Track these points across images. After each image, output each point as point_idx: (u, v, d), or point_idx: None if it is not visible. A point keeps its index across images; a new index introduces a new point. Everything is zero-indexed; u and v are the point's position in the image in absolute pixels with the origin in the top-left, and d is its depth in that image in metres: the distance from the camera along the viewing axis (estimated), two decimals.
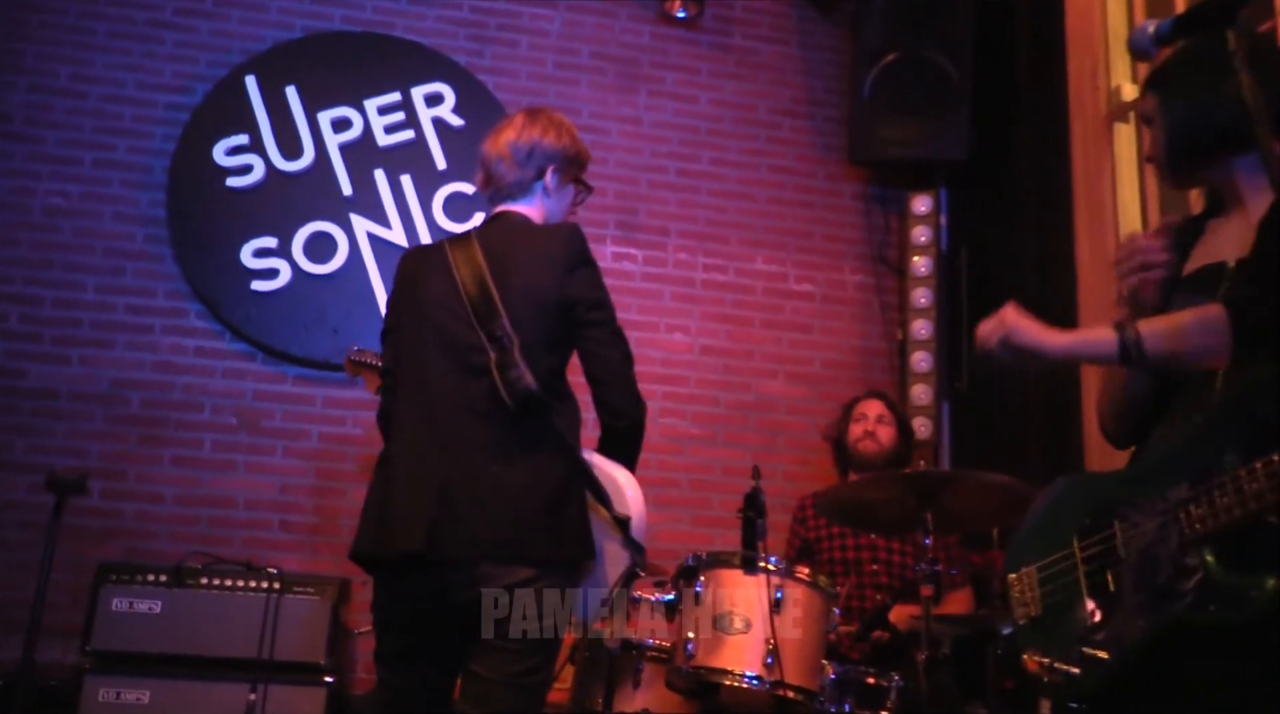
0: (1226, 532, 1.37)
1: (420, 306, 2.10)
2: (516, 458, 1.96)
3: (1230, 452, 1.39)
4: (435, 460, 1.97)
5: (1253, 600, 1.32)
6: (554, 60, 4.39)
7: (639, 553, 1.97)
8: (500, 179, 2.17)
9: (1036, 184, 3.98)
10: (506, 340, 1.98)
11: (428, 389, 2.04)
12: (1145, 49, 1.55)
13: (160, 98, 4.08)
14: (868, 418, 3.44)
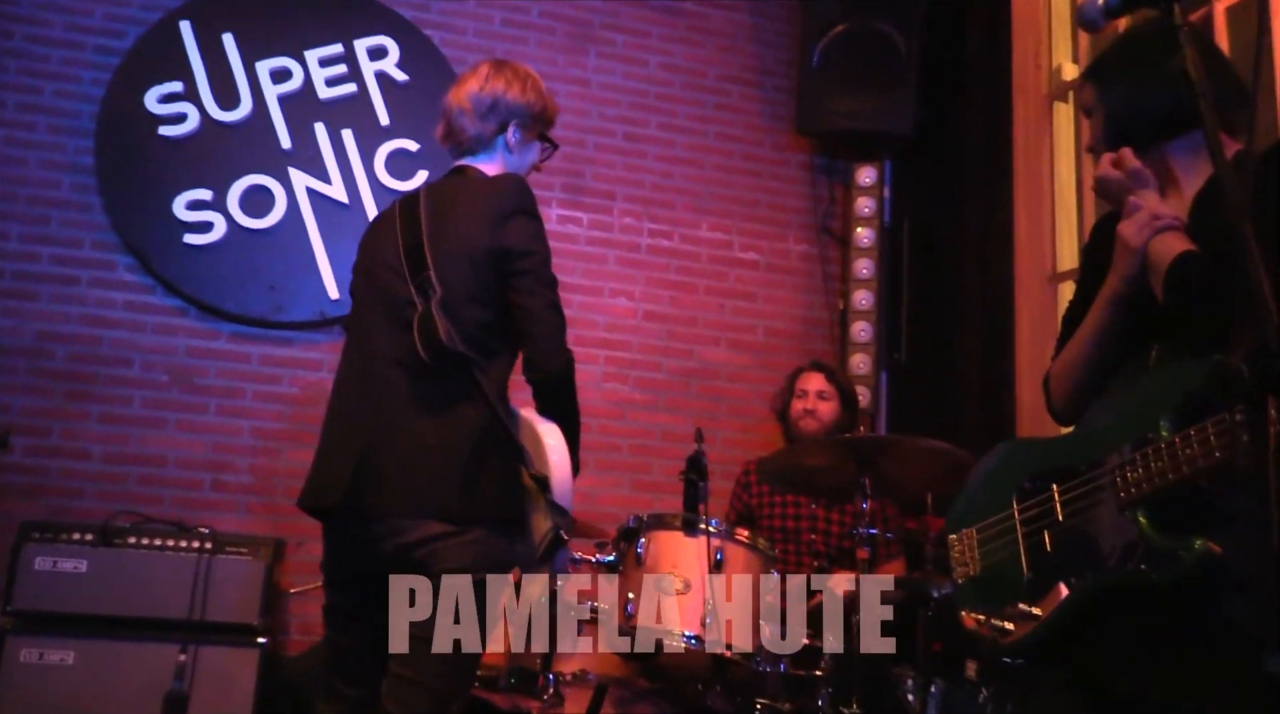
0: (1160, 495, 1.41)
1: (369, 266, 2.12)
2: (435, 412, 1.94)
3: (1164, 422, 1.44)
4: (362, 414, 1.98)
5: (1182, 561, 1.37)
6: (502, 17, 4.31)
7: (561, 515, 1.93)
8: (461, 133, 2.13)
9: (978, 159, 4.03)
10: (430, 292, 1.96)
11: (365, 344, 2.05)
12: (1094, 20, 1.56)
13: (89, 40, 3.91)
14: (808, 394, 3.46)
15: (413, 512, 1.91)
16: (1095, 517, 1.50)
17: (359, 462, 1.93)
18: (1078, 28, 3.85)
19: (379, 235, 2.13)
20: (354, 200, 3.93)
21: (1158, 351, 1.60)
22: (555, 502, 1.94)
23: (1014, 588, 1.58)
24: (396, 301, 2.01)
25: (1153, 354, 1.60)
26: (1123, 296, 1.64)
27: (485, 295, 2.00)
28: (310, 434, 3.83)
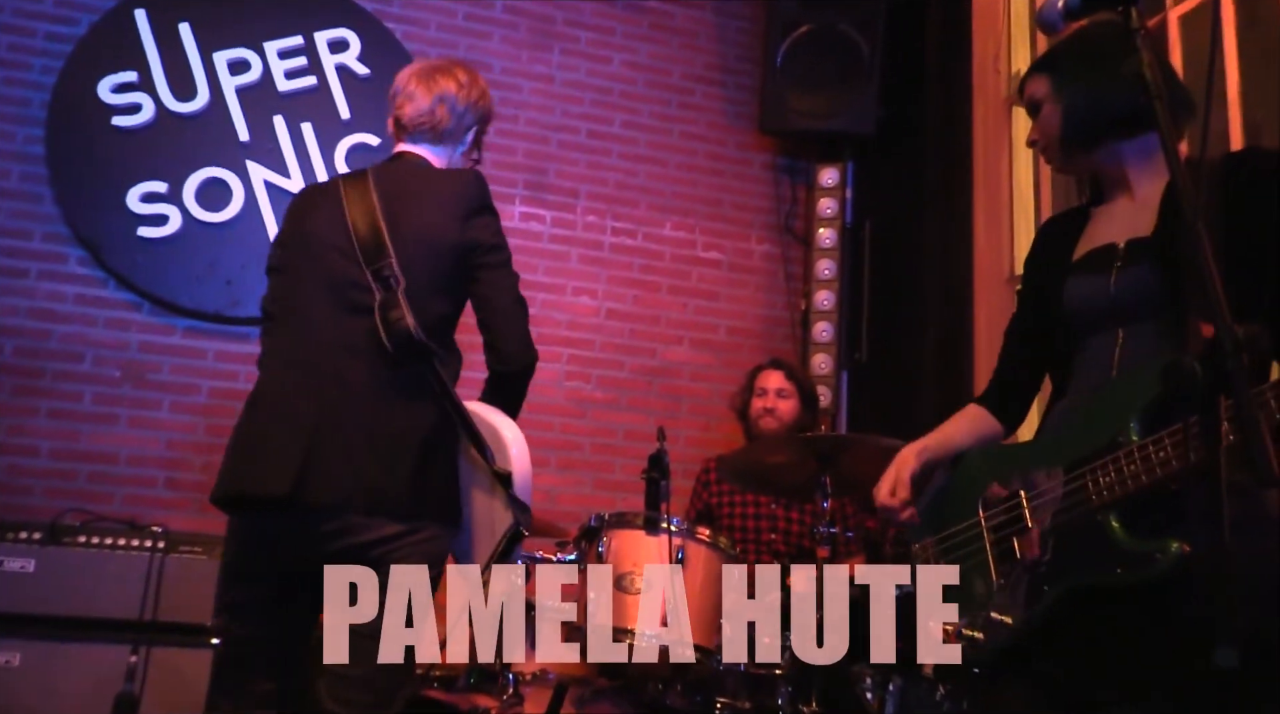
0: (1131, 498, 1.43)
1: (306, 243, 2.04)
2: (392, 403, 1.91)
3: (1133, 425, 1.45)
4: (308, 401, 1.90)
5: (1157, 562, 1.38)
6: (465, 12, 4.28)
7: (523, 512, 1.91)
8: (430, 124, 2.13)
9: (939, 161, 4.07)
10: (393, 281, 1.92)
11: (305, 327, 1.97)
12: (1054, 22, 1.57)
13: (41, 26, 3.83)
14: (767, 392, 3.47)
15: (370, 509, 1.86)
16: (1065, 522, 1.51)
17: (308, 452, 1.85)
18: (1037, 31, 3.90)
19: (318, 212, 2.06)
20: None
21: (1124, 334, 1.60)
22: (517, 497, 1.91)
23: (982, 596, 1.58)
24: (345, 285, 1.96)
25: (1119, 336, 1.60)
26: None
27: (447, 288, 2.01)
28: None
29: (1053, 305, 1.71)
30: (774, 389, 3.46)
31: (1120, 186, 1.71)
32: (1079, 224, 1.77)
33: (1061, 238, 1.78)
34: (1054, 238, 1.81)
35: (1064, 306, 1.69)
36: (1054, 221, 1.90)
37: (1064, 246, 1.75)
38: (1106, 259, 1.66)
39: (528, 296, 2.11)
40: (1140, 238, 1.63)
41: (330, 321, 1.95)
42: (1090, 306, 1.64)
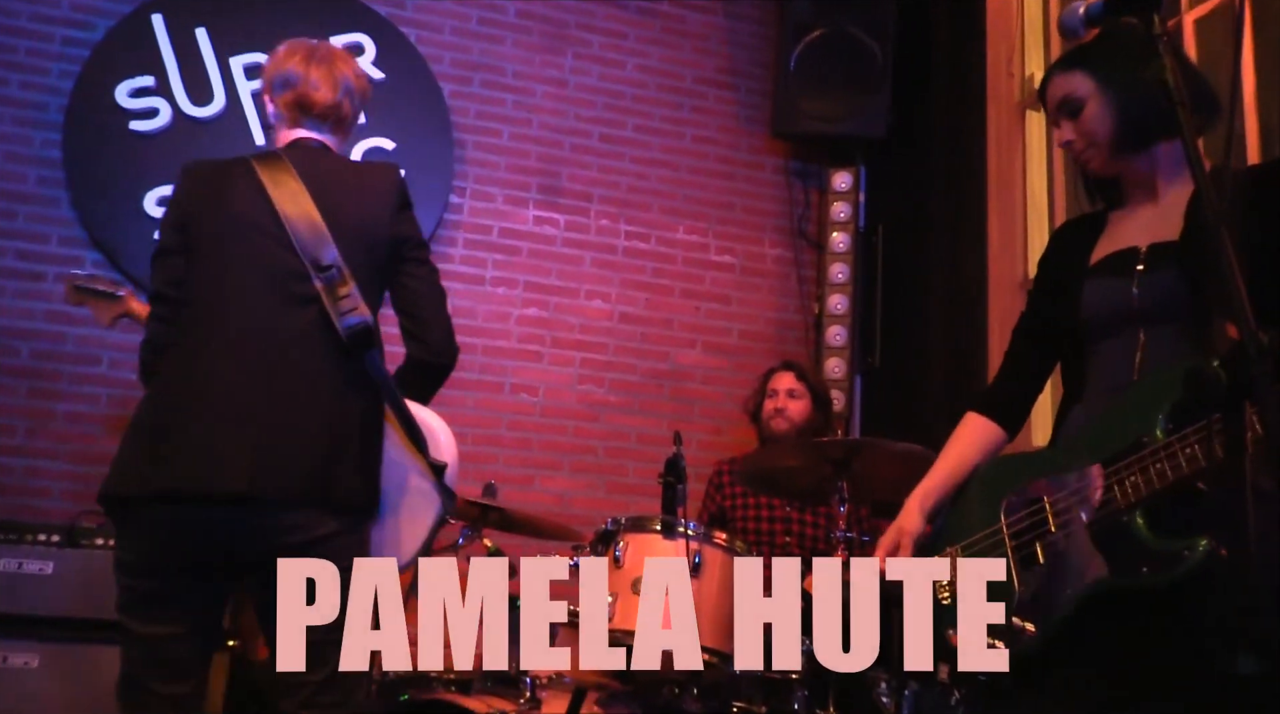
0: (1158, 497, 1.42)
1: (224, 226, 1.97)
2: (343, 396, 1.90)
3: (1159, 425, 1.44)
4: (255, 394, 1.86)
5: (1184, 560, 1.37)
6: (479, 16, 4.29)
7: (450, 500, 1.94)
8: (339, 109, 2.13)
9: (952, 165, 4.07)
10: (337, 271, 1.91)
11: (242, 316, 1.92)
12: (1075, 29, 1.58)
13: (58, 31, 3.85)
14: (778, 393, 3.46)
15: (315, 501, 1.83)
16: (1090, 524, 1.50)
17: (260, 448, 1.81)
18: (1051, 36, 3.90)
19: (235, 194, 1.98)
20: None
21: (1145, 337, 1.59)
22: (448, 487, 1.94)
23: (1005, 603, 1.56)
24: (284, 274, 1.92)
25: (1140, 339, 1.60)
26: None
27: (380, 280, 2.04)
28: None
29: (1069, 307, 1.71)
30: (785, 390, 3.47)
31: (1144, 190, 1.71)
32: (1096, 228, 1.77)
33: (1078, 241, 1.77)
34: (1070, 241, 1.81)
35: (1082, 309, 1.68)
36: (1069, 225, 1.89)
37: (1081, 250, 1.75)
38: (1128, 262, 1.65)
39: (541, 300, 2.14)
40: (1164, 242, 1.63)
41: (270, 311, 1.91)
42: (1111, 309, 1.64)
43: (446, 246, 4.09)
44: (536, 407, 4.08)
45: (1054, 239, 1.89)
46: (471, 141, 4.20)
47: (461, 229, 4.13)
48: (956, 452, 1.81)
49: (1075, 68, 1.72)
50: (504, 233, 4.17)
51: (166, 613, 1.88)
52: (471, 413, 4.00)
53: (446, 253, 4.09)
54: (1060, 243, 1.86)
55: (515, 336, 4.09)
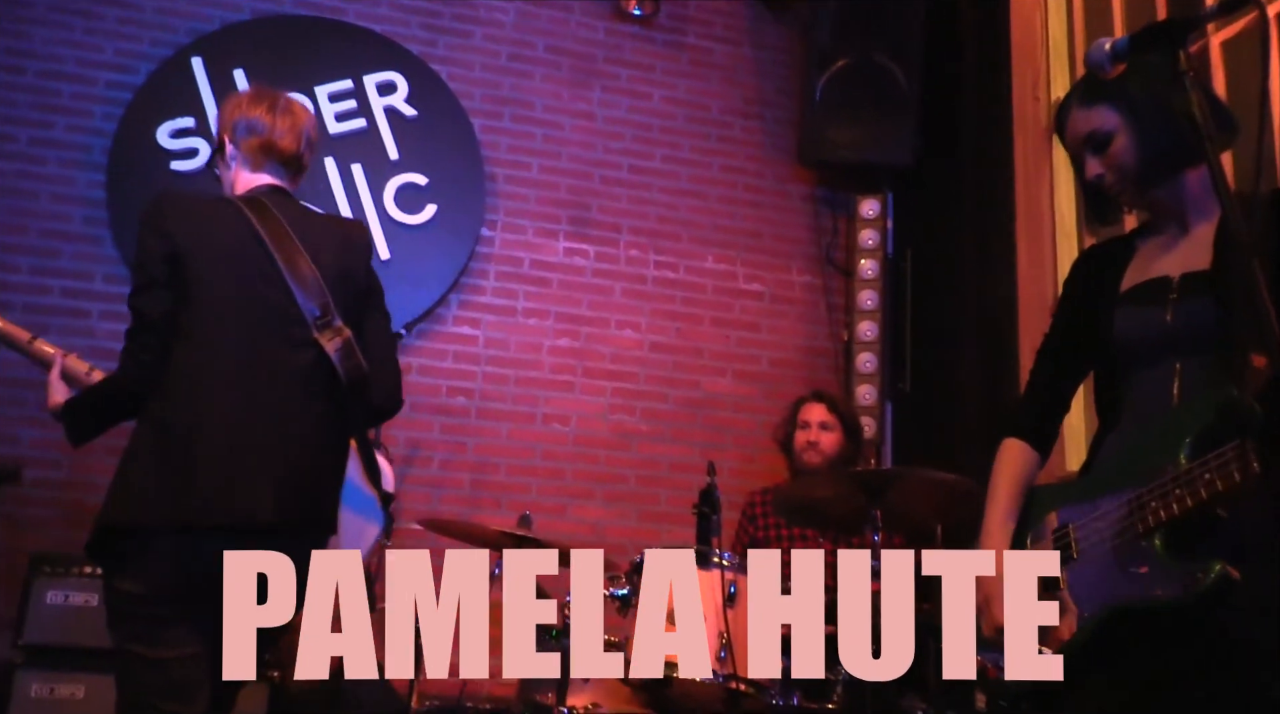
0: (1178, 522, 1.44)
1: (220, 265, 2.02)
2: (329, 431, 2.05)
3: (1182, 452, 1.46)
4: (265, 429, 1.95)
5: (1199, 582, 1.39)
6: (508, 53, 4.37)
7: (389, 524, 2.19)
8: (299, 164, 2.24)
9: (979, 191, 4.08)
10: (334, 318, 2.03)
11: (242, 353, 1.99)
12: (1102, 64, 1.60)
13: (101, 75, 3.97)
14: (810, 426, 3.45)
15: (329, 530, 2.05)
16: (1112, 549, 1.52)
17: (279, 480, 1.93)
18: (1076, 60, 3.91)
19: (225, 233, 2.04)
20: None
21: (1181, 367, 1.60)
22: (390, 514, 2.16)
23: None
24: (279, 316, 2.01)
25: (1177, 369, 1.60)
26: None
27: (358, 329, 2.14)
28: None
29: (1100, 335, 1.72)
30: (817, 422, 3.46)
31: (1173, 219, 1.71)
32: (1125, 255, 1.77)
33: (1107, 267, 1.78)
34: (1098, 267, 1.81)
35: (1115, 337, 1.69)
36: (1096, 250, 1.89)
37: (1110, 277, 1.75)
38: (1160, 291, 1.66)
39: (573, 330, 2.21)
40: (1195, 272, 1.63)
41: (272, 351, 2.01)
42: (1145, 339, 1.65)
43: (479, 279, 4.15)
44: (569, 436, 4.11)
45: (1081, 264, 1.89)
46: (502, 175, 4.26)
47: (493, 261, 4.19)
48: (1010, 486, 1.78)
49: (1099, 101, 1.71)
50: (535, 264, 4.22)
51: (179, 636, 1.90)
52: (505, 443, 4.04)
53: (478, 285, 4.14)
54: (1088, 267, 1.86)
55: (547, 367, 4.14)
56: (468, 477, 3.98)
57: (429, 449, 3.97)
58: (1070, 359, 1.83)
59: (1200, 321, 1.59)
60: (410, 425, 3.95)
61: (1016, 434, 1.84)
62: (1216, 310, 1.57)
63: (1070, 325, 1.83)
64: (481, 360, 4.08)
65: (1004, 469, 1.80)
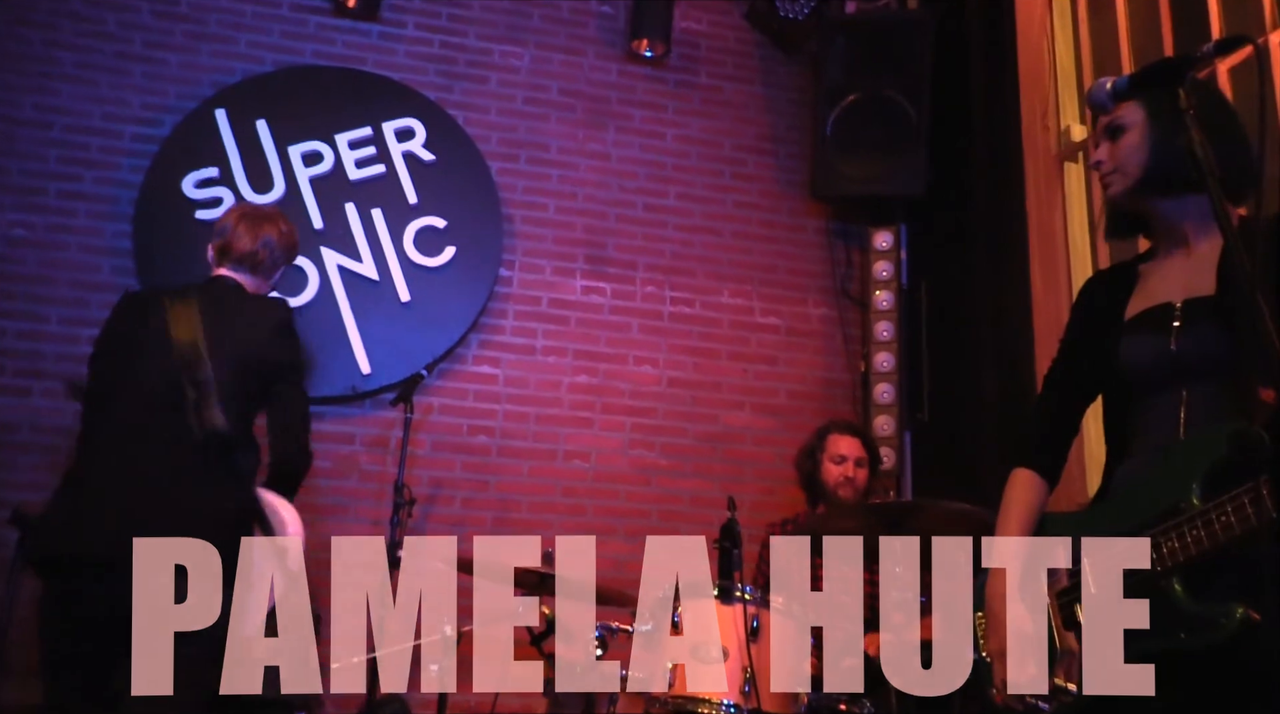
0: (1194, 563, 1.45)
1: (134, 344, 2.45)
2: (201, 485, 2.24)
3: (1194, 490, 1.47)
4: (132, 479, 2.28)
5: (1223, 627, 1.40)
6: (523, 96, 4.45)
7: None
8: (251, 257, 2.62)
9: (992, 220, 4.11)
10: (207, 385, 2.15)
11: (131, 414, 2.36)
12: (1103, 103, 1.64)
13: (128, 129, 4.07)
14: (847, 461, 3.46)
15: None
16: (1128, 587, 1.52)
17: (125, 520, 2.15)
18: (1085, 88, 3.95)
19: (149, 319, 2.43)
20: (384, 277, 4.04)
21: (1188, 394, 1.61)
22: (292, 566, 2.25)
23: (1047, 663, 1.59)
24: (166, 385, 2.22)
25: (1183, 396, 1.61)
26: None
27: (250, 394, 2.45)
28: (343, 507, 3.90)
29: (1107, 363, 1.72)
30: (854, 458, 3.46)
31: (1175, 241, 1.72)
32: (1127, 281, 1.78)
33: (1111, 293, 1.79)
34: (1101, 294, 1.82)
35: (1121, 365, 1.70)
36: (1100, 278, 1.91)
37: (1113, 303, 1.76)
38: (1164, 318, 1.67)
39: (591, 367, 2.24)
40: (1199, 297, 1.64)
41: (153, 414, 2.32)
42: (1151, 366, 1.66)
43: (497, 318, 4.20)
44: (589, 472, 4.14)
45: (1084, 292, 1.91)
46: (519, 216, 4.33)
47: (511, 301, 4.24)
48: (1020, 516, 1.79)
49: (1134, 96, 1.65)
50: (553, 303, 4.28)
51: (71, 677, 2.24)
52: (526, 481, 4.07)
53: (497, 324, 4.20)
54: (1091, 296, 1.87)
55: (566, 404, 4.17)
56: (490, 515, 4.01)
57: (451, 488, 4.01)
58: (1077, 387, 1.84)
59: (1205, 349, 1.60)
60: (432, 464, 3.99)
61: (1025, 463, 1.84)
62: (1222, 337, 1.57)
63: (1076, 353, 1.84)
64: (502, 399, 4.13)
65: (1013, 499, 1.81)
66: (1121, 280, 1.79)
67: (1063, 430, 1.87)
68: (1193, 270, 1.67)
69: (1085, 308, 1.86)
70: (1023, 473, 1.84)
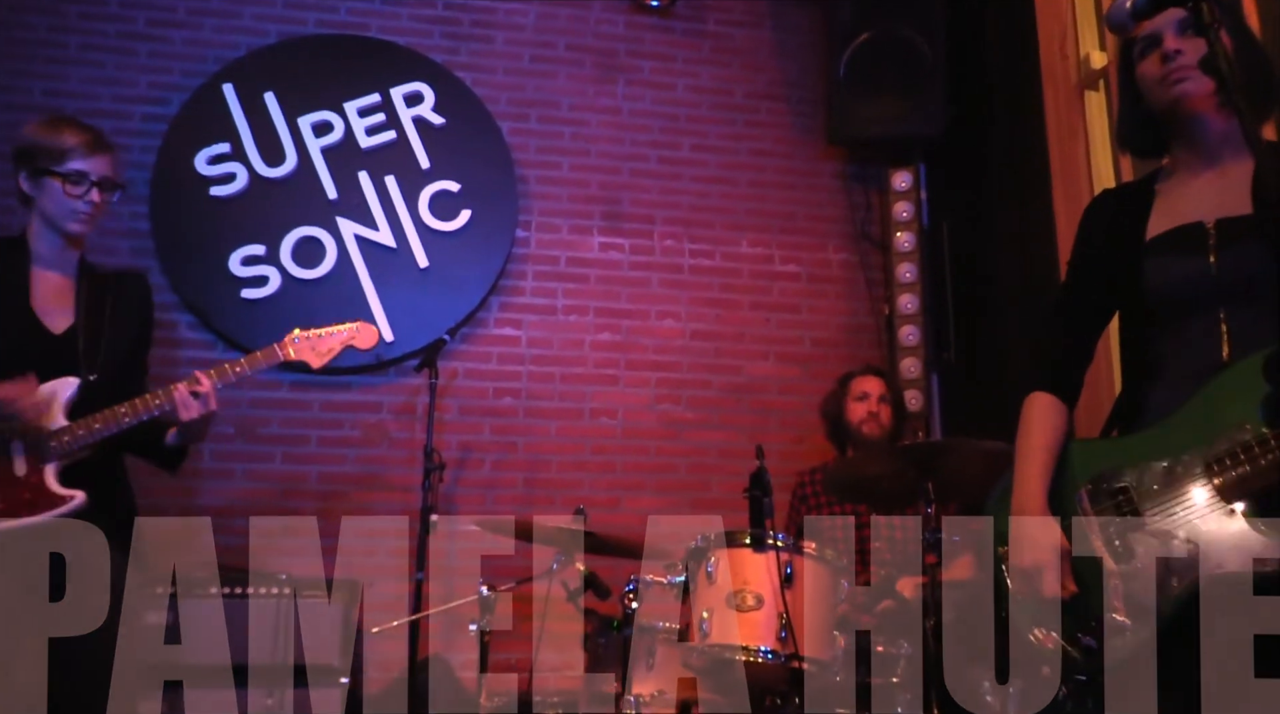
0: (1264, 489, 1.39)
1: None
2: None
3: (1256, 413, 1.42)
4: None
5: None
6: (530, 54, 4.40)
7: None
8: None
9: (1012, 155, 4.04)
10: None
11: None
12: (1123, 23, 1.58)
13: (137, 109, 4.06)
14: (870, 397, 3.48)
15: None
16: (1191, 515, 1.47)
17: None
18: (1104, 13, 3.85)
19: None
20: (401, 244, 4.03)
21: (1226, 315, 1.56)
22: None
23: (1094, 599, 1.53)
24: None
25: (1221, 317, 1.56)
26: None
27: None
28: (374, 476, 3.94)
29: (1127, 285, 1.66)
30: (877, 394, 3.49)
31: (1206, 159, 1.65)
32: (1144, 199, 1.70)
33: (1125, 213, 1.71)
34: (1114, 214, 1.74)
35: (1149, 287, 1.63)
36: (1108, 198, 1.82)
37: (1131, 223, 1.69)
38: (1196, 238, 1.60)
39: (613, 324, 2.21)
40: (1234, 217, 1.58)
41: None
42: (1186, 287, 1.60)
43: (517, 280, 4.19)
44: (617, 429, 4.14)
45: (1093, 211, 1.81)
46: (533, 176, 4.30)
47: (530, 262, 4.23)
48: (1045, 440, 1.71)
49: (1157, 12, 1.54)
50: (571, 262, 4.26)
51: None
52: (555, 441, 4.09)
53: (517, 286, 4.19)
54: (1102, 216, 1.78)
55: (591, 362, 4.17)
56: (520, 476, 4.04)
57: (480, 451, 4.03)
58: (1091, 310, 1.77)
59: (1248, 269, 1.54)
60: (460, 429, 4.01)
61: (1042, 387, 1.77)
62: (1265, 257, 1.51)
63: (1090, 275, 1.76)
64: (525, 360, 4.13)
65: (1035, 424, 1.73)
66: (1135, 199, 1.71)
67: (1078, 354, 1.80)
68: (1223, 188, 1.61)
69: (1097, 227, 1.77)
70: (1040, 396, 1.77)
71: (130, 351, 2.44)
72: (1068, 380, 1.79)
